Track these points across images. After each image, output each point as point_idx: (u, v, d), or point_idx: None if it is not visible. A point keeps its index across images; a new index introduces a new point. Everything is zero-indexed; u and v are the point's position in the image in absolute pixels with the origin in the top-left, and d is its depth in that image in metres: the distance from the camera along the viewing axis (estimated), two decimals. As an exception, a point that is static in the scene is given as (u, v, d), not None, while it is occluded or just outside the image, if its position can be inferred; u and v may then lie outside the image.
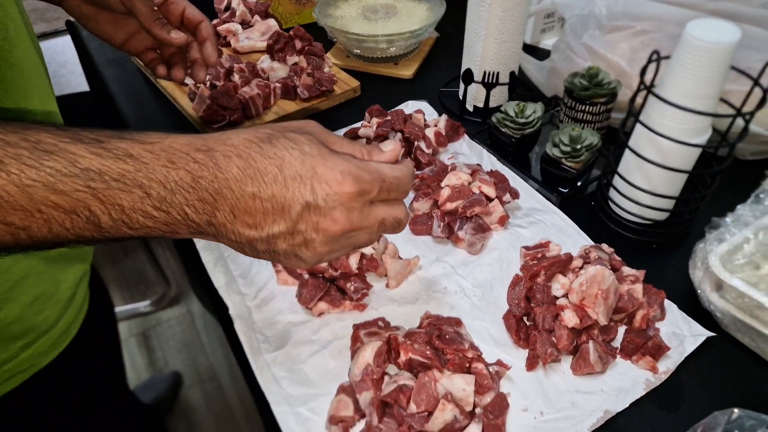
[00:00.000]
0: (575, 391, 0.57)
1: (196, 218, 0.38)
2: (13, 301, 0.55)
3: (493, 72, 0.92)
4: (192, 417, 1.63)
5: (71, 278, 0.64)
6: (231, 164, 0.38)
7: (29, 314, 0.58)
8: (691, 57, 0.58)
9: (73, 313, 0.65)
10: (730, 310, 0.57)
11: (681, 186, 0.69)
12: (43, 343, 0.61)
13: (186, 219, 0.38)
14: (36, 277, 0.57)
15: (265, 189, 0.38)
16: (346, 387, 0.55)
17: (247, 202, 0.38)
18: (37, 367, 0.62)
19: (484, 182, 0.74)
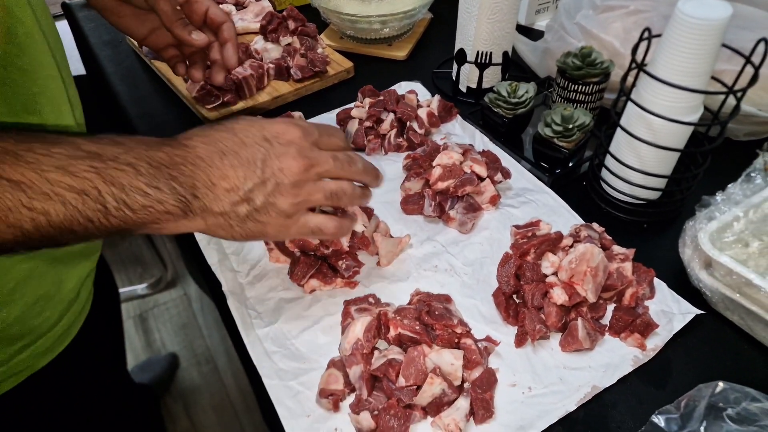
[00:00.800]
0: (563, 367, 0.57)
1: (182, 191, 0.43)
2: (13, 304, 0.54)
3: (486, 52, 0.92)
4: (189, 398, 1.64)
5: (75, 278, 0.63)
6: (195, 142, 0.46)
7: (29, 316, 0.56)
8: (682, 34, 0.58)
9: (75, 313, 0.64)
10: (718, 287, 0.58)
11: (672, 165, 0.70)
12: (41, 344, 0.60)
13: (174, 193, 0.43)
14: (39, 278, 0.56)
15: (229, 151, 0.46)
16: (336, 361, 0.56)
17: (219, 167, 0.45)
18: (34, 368, 0.60)
19: (475, 161, 0.74)
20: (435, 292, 0.65)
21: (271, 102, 0.95)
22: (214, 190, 0.45)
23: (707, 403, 0.46)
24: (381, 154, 0.85)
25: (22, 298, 0.55)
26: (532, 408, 0.54)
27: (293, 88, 0.96)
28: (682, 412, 0.47)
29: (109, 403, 0.85)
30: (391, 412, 0.51)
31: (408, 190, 0.77)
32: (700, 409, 0.46)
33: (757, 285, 0.54)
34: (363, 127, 0.85)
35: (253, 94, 0.95)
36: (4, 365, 0.57)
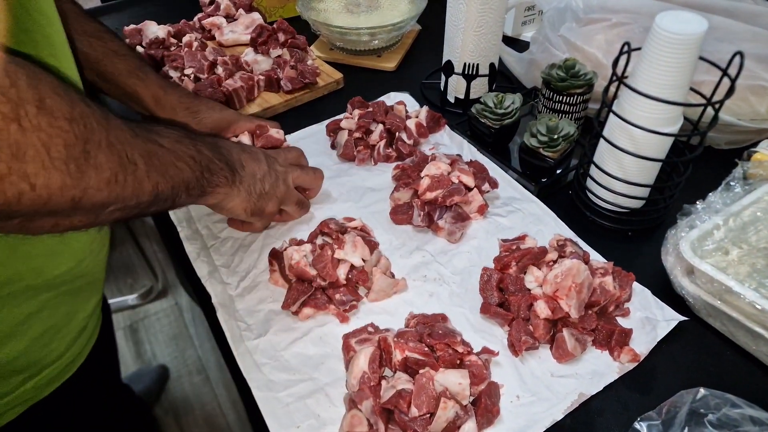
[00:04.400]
0: (550, 375, 0.58)
1: (230, 166, 0.61)
2: (21, 336, 0.53)
3: (473, 64, 0.93)
4: (180, 409, 1.63)
5: (88, 309, 0.63)
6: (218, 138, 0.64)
7: (35, 348, 0.55)
8: (660, 48, 0.59)
9: (82, 344, 0.63)
10: (700, 294, 0.59)
11: (655, 175, 0.71)
12: (46, 375, 0.59)
13: (227, 167, 0.60)
14: (50, 310, 0.55)
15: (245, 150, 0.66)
16: (352, 400, 0.54)
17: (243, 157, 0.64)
18: (38, 398, 0.59)
19: (463, 172, 0.75)
20: (423, 301, 0.66)
21: (261, 113, 0.95)
22: (242, 171, 0.63)
23: (688, 409, 0.47)
24: (370, 164, 0.86)
25: (29, 331, 0.54)
26: (519, 417, 0.55)
27: (283, 100, 0.97)
28: (663, 418, 0.48)
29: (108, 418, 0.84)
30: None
31: (397, 200, 0.78)
32: (682, 415, 0.47)
33: (737, 292, 0.55)
34: (352, 138, 0.86)
35: (243, 105, 0.96)
36: (8, 396, 0.55)
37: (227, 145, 0.63)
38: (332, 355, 0.60)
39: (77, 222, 0.43)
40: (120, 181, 0.43)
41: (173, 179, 0.50)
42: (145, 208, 0.48)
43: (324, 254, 0.64)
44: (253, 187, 0.64)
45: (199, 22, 1.16)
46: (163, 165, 0.49)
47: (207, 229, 0.74)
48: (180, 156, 0.52)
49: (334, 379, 0.58)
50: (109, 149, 0.41)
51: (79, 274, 0.57)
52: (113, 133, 0.42)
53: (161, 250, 2.05)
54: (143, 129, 0.48)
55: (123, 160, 0.43)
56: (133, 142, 0.45)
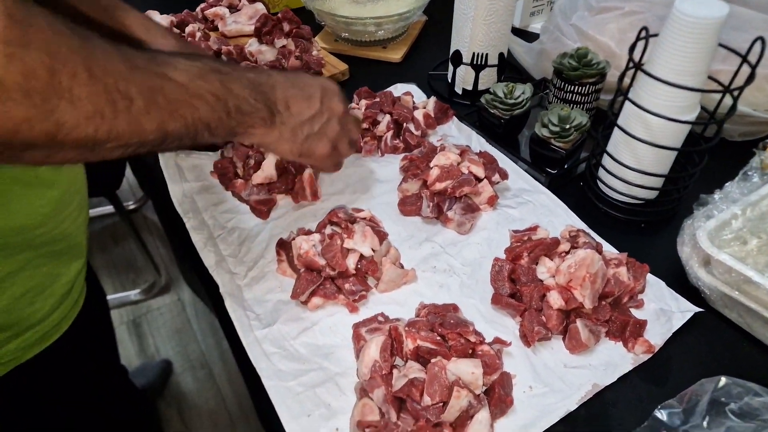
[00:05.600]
0: (564, 366, 0.57)
1: (269, 104, 0.55)
2: (1, 293, 0.54)
3: (482, 54, 0.92)
4: (183, 403, 1.63)
5: (72, 272, 0.63)
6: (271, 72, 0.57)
7: (17, 307, 0.56)
8: (679, 33, 0.58)
9: (67, 307, 0.64)
10: (717, 285, 0.58)
11: (669, 164, 0.70)
12: (30, 336, 0.59)
13: (266, 105, 0.54)
14: (32, 270, 0.56)
15: (296, 86, 0.58)
16: (363, 389, 0.53)
17: (290, 95, 0.57)
18: (20, 360, 0.60)
19: (473, 162, 0.74)
20: (433, 293, 0.65)
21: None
22: (287, 110, 0.57)
23: (710, 398, 0.46)
24: (377, 155, 0.85)
25: (10, 289, 0.54)
26: (533, 407, 0.54)
27: (289, 90, 0.96)
28: (684, 406, 0.47)
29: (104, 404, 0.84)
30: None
31: (405, 192, 0.77)
32: (703, 403, 0.46)
33: (756, 282, 0.54)
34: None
35: (249, 96, 0.94)
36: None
37: (272, 81, 0.56)
38: (342, 345, 0.59)
39: (71, 156, 0.40)
40: (108, 117, 0.39)
41: (185, 118, 0.46)
42: (155, 146, 0.45)
43: (333, 243, 0.63)
44: (299, 128, 0.58)
45: (201, 13, 1.15)
46: (171, 102, 0.45)
47: (213, 220, 0.73)
48: (197, 93, 0.47)
49: (345, 369, 0.57)
50: (91, 81, 0.38)
51: (57, 236, 0.57)
52: (99, 63, 0.38)
53: (164, 246, 2.04)
54: (152, 61, 0.44)
55: (112, 95, 0.39)
56: (129, 75, 0.41)
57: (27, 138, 0.36)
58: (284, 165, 0.76)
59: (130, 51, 0.42)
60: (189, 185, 0.78)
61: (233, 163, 0.77)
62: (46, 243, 0.56)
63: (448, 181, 0.72)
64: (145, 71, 0.43)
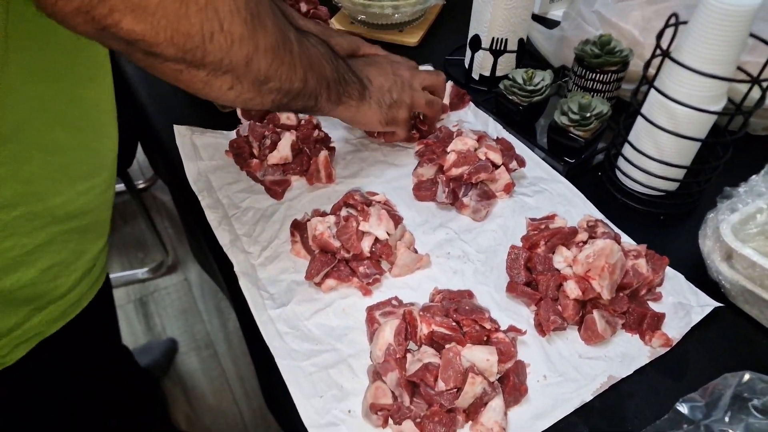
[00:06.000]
0: (579, 356, 0.57)
1: (359, 73, 0.67)
2: (29, 266, 0.54)
3: (501, 39, 0.90)
4: (188, 382, 1.64)
5: (95, 250, 0.64)
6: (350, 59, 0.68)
7: (43, 280, 0.56)
8: (710, 20, 0.57)
9: (89, 283, 0.64)
10: (739, 280, 0.57)
11: (692, 156, 0.69)
12: (53, 310, 0.60)
13: (359, 82, 0.66)
14: (58, 245, 0.56)
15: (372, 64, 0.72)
16: (376, 372, 0.53)
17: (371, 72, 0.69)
18: (45, 334, 0.60)
19: (490, 148, 0.73)
20: (447, 279, 0.64)
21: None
22: (371, 85, 0.68)
23: (733, 393, 0.45)
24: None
25: (37, 262, 0.54)
26: (547, 397, 0.53)
27: (304, 71, 0.95)
28: (707, 400, 0.46)
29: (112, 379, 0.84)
30: (435, 419, 0.49)
31: (420, 176, 0.76)
32: (726, 398, 0.45)
33: (780, 278, 0.53)
34: None
35: (264, 75, 0.93)
36: (17, 329, 0.57)
37: (355, 62, 0.68)
38: (355, 328, 0.59)
39: (246, 91, 0.49)
40: (280, 54, 0.49)
41: (318, 73, 0.56)
42: (295, 96, 0.55)
43: (349, 226, 0.62)
44: (382, 99, 0.69)
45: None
46: (310, 58, 0.55)
47: (228, 199, 0.73)
48: (323, 55, 0.58)
49: (357, 351, 0.57)
50: (274, 17, 0.48)
51: (85, 210, 0.58)
52: (273, 12, 0.48)
53: (172, 225, 2.04)
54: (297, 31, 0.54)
55: (284, 34, 0.49)
56: (288, 25, 0.51)
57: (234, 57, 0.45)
58: (299, 146, 0.75)
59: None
60: (204, 164, 0.77)
61: (249, 143, 0.76)
62: (71, 216, 0.56)
63: (464, 166, 0.71)
64: (294, 29, 0.53)
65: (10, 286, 0.53)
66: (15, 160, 0.49)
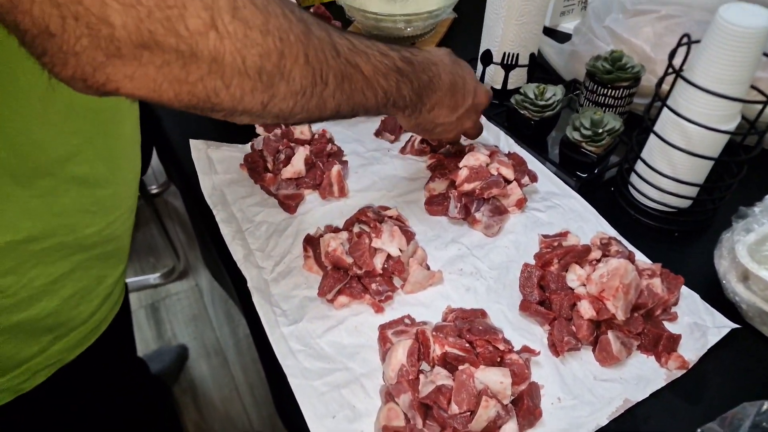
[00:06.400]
0: (593, 378, 0.56)
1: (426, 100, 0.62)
2: (53, 294, 0.54)
3: (512, 53, 0.90)
4: (197, 390, 1.64)
5: (116, 275, 0.64)
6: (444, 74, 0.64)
7: (66, 308, 0.57)
8: (722, 41, 0.56)
9: (107, 309, 0.65)
10: (756, 302, 0.56)
11: (706, 173, 0.68)
12: (73, 337, 0.60)
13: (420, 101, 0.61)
14: (81, 272, 0.57)
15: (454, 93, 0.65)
16: (389, 393, 0.53)
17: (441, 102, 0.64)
18: (64, 361, 0.61)
19: (502, 164, 0.73)
20: (460, 296, 0.64)
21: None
22: (429, 112, 0.63)
23: (751, 423, 0.45)
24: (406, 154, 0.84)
25: (61, 290, 0.55)
26: (561, 420, 0.53)
27: (317, 84, 0.95)
28: (726, 430, 0.46)
29: (127, 393, 0.85)
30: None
31: (432, 191, 0.76)
32: (744, 428, 0.45)
33: (796, 300, 0.52)
34: None
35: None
36: (39, 356, 0.57)
37: (435, 84, 0.62)
38: (367, 346, 0.59)
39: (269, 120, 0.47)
40: (308, 95, 0.45)
41: (356, 104, 0.52)
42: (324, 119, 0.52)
43: (361, 242, 0.62)
44: (426, 125, 0.66)
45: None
46: (353, 90, 0.50)
47: (242, 213, 0.73)
48: (374, 87, 0.53)
49: (370, 370, 0.57)
50: (306, 65, 0.44)
51: (109, 237, 0.58)
52: (313, 50, 0.44)
53: (184, 232, 2.06)
54: (352, 49, 0.49)
55: (316, 78, 0.45)
56: (332, 63, 0.47)
57: (245, 107, 0.42)
58: (312, 160, 0.76)
59: (336, 34, 0.48)
60: (219, 177, 0.78)
61: (263, 157, 0.77)
62: (97, 244, 0.56)
63: (476, 182, 0.71)
64: (344, 59, 0.48)
65: (35, 315, 0.53)
66: (51, 193, 0.49)
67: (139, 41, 0.33)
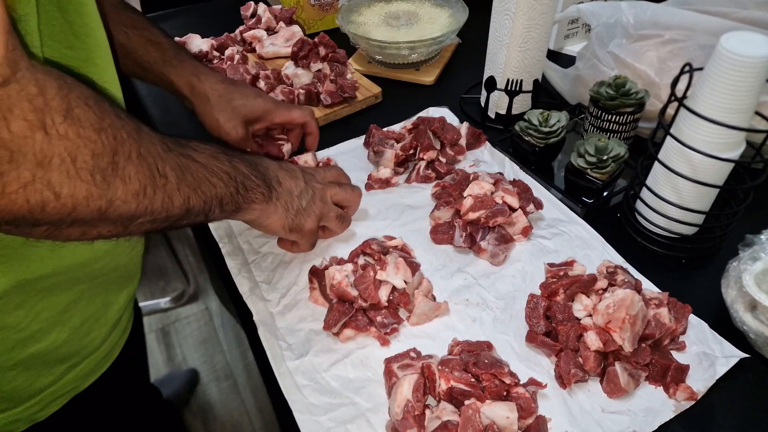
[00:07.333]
0: (601, 410, 0.56)
1: (267, 182, 0.61)
2: (63, 325, 0.55)
3: (516, 80, 0.91)
4: (208, 414, 1.64)
5: (122, 300, 0.65)
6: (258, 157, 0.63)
7: (77, 337, 0.57)
8: (725, 71, 0.57)
9: (118, 334, 0.65)
10: (764, 331, 0.56)
11: (712, 200, 0.68)
12: (87, 365, 0.61)
13: (264, 183, 0.60)
14: (87, 300, 0.57)
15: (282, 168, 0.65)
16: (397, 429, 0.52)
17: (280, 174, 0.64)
18: (78, 389, 0.61)
19: (507, 192, 0.73)
20: (466, 327, 0.64)
21: (300, 126, 0.95)
22: (279, 187, 0.63)
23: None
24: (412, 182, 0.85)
25: (70, 320, 0.56)
26: (569, 453, 0.53)
27: (323, 114, 0.96)
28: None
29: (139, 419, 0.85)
30: None
31: (438, 219, 0.76)
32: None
33: (805, 331, 0.52)
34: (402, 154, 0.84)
35: (283, 118, 0.95)
36: (53, 386, 0.57)
37: (264, 162, 0.63)
38: (373, 380, 0.59)
39: (105, 232, 0.43)
40: (149, 194, 0.43)
41: (205, 194, 0.51)
42: (176, 221, 0.49)
43: (366, 275, 0.63)
44: (290, 204, 0.64)
45: (240, 35, 1.16)
46: (196, 180, 0.49)
47: (248, 245, 0.74)
48: (214, 171, 0.52)
49: (376, 405, 0.57)
50: (140, 161, 0.42)
51: (114, 268, 0.59)
52: (145, 145, 0.43)
53: (193, 255, 2.07)
54: (177, 143, 0.49)
55: (153, 173, 0.44)
56: (166, 155, 0.46)
57: (80, 215, 0.39)
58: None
59: (162, 134, 0.47)
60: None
61: (268, 189, 0.77)
62: (102, 274, 0.57)
63: (481, 210, 0.71)
64: (176, 152, 0.47)
65: (47, 346, 0.54)
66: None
67: None
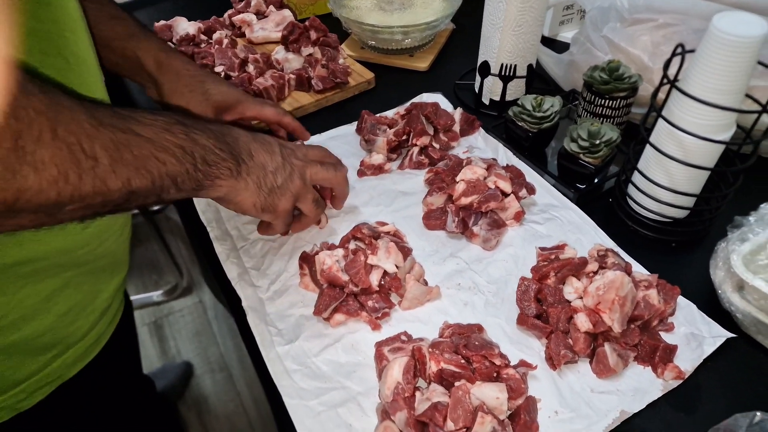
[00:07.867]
0: (591, 391, 0.56)
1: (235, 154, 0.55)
2: (46, 312, 0.54)
3: (510, 65, 0.91)
4: (202, 406, 1.64)
5: (111, 288, 0.63)
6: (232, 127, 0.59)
7: (61, 325, 0.56)
8: (716, 51, 0.56)
9: (106, 323, 0.64)
10: (751, 311, 0.56)
11: (702, 183, 0.68)
12: (72, 354, 0.60)
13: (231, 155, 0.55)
14: (74, 288, 0.56)
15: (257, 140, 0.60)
16: (384, 411, 0.53)
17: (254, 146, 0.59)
18: (64, 378, 0.60)
19: (499, 177, 0.73)
20: (458, 311, 0.64)
21: (291, 113, 0.94)
22: (250, 161, 0.57)
23: (746, 436, 0.44)
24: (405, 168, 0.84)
25: (54, 308, 0.54)
26: (559, 433, 0.53)
27: (314, 99, 0.96)
28: (719, 444, 0.45)
29: (131, 409, 0.85)
30: None
31: (430, 205, 0.76)
32: (739, 442, 0.44)
33: (794, 311, 0.52)
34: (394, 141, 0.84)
35: (274, 104, 0.95)
36: (37, 374, 0.56)
37: (234, 132, 0.57)
38: (364, 364, 0.59)
39: (26, 222, 0.38)
40: (73, 179, 0.38)
41: (152, 173, 0.45)
42: (119, 205, 0.44)
43: (357, 260, 0.62)
44: (263, 180, 0.59)
45: (229, 19, 1.15)
46: (138, 158, 0.43)
47: (236, 230, 0.73)
48: (164, 147, 0.46)
49: (366, 389, 0.57)
50: (55, 143, 0.36)
51: (101, 254, 0.58)
52: (64, 124, 0.37)
53: (186, 248, 2.06)
54: (117, 117, 0.43)
55: (76, 155, 0.38)
56: (95, 133, 0.40)
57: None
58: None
59: (94, 107, 0.41)
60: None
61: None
62: (89, 261, 0.56)
63: (474, 195, 0.71)
64: (111, 127, 0.41)
65: (30, 334, 0.53)
66: None
67: None
